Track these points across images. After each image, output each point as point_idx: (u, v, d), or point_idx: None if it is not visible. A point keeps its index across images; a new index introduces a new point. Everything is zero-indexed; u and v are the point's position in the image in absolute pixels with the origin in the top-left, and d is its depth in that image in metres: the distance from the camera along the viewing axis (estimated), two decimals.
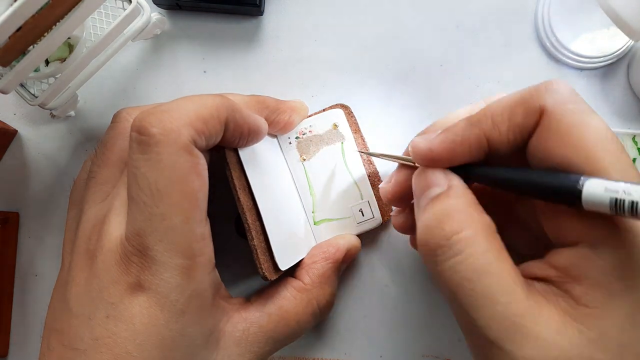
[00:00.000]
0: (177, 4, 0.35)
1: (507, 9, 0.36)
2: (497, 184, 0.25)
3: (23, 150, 0.37)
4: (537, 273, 0.23)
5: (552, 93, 0.23)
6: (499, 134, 0.24)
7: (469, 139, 0.24)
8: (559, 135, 0.22)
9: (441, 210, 0.24)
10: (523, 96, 0.24)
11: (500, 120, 0.24)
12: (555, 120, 0.22)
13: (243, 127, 0.27)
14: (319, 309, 0.31)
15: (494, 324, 0.21)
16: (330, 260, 0.31)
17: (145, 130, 0.24)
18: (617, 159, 0.21)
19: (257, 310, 0.29)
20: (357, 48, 0.36)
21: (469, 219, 0.23)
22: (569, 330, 0.21)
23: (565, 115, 0.22)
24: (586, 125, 0.22)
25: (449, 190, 0.24)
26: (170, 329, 0.24)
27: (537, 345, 0.21)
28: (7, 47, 0.25)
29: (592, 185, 0.20)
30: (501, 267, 0.22)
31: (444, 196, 0.24)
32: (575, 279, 0.22)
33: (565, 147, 0.22)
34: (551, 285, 0.22)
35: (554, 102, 0.23)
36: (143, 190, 0.24)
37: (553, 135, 0.22)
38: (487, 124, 0.24)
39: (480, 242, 0.22)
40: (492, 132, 0.24)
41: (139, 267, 0.24)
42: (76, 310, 0.25)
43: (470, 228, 0.23)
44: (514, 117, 0.24)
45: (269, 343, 0.29)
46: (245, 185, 0.29)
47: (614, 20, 0.29)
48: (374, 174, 0.34)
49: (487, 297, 0.22)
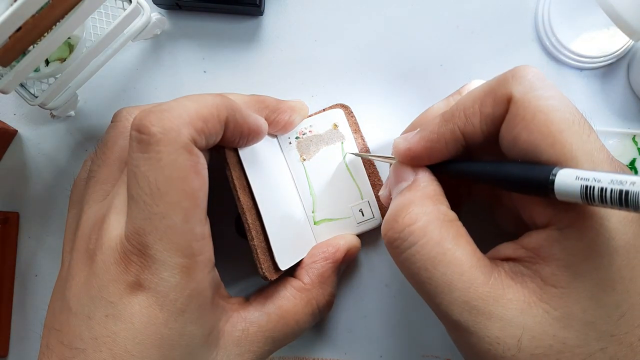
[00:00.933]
0: (177, 4, 0.35)
1: (507, 9, 0.36)
2: (474, 179, 0.25)
3: (23, 150, 0.37)
4: (509, 254, 0.24)
5: (519, 80, 0.23)
6: (473, 127, 0.24)
7: (445, 135, 0.25)
8: (525, 122, 0.22)
9: (399, 203, 0.25)
10: (491, 86, 0.24)
11: (472, 112, 0.24)
12: (522, 108, 0.23)
13: (243, 127, 0.27)
14: (319, 308, 0.31)
15: (455, 308, 0.22)
16: (330, 260, 0.31)
17: (145, 129, 0.24)
18: (583, 143, 0.22)
19: (256, 310, 0.29)
20: (357, 48, 0.36)
21: (422, 211, 0.24)
22: (533, 310, 0.22)
23: (531, 102, 0.22)
24: (552, 111, 0.22)
25: (413, 183, 0.26)
26: (170, 328, 0.24)
27: (501, 326, 0.22)
28: (7, 47, 0.25)
29: (563, 177, 0.20)
30: (457, 254, 0.23)
31: (406, 190, 0.26)
32: (544, 259, 0.22)
33: (531, 134, 0.22)
34: (520, 266, 0.23)
35: (520, 90, 0.23)
36: (143, 189, 0.24)
37: (520, 122, 0.23)
38: (460, 117, 0.25)
39: (433, 233, 0.23)
40: (465, 126, 0.25)
41: (138, 266, 0.24)
42: (75, 309, 0.25)
43: (422, 220, 0.24)
44: (484, 108, 0.24)
45: (268, 343, 0.29)
46: (245, 185, 0.29)
47: (614, 20, 0.29)
48: (374, 174, 0.34)
49: (444, 284, 0.23)
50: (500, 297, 0.22)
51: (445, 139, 0.25)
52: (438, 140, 0.25)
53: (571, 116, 0.22)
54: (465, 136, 0.25)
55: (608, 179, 0.19)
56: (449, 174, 0.26)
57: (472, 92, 0.25)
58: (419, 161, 0.26)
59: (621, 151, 0.35)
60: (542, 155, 0.22)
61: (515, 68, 0.24)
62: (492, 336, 0.22)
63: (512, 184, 0.23)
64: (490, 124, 0.24)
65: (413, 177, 0.26)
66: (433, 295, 0.23)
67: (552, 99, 0.22)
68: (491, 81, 0.24)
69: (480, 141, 0.25)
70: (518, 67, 0.24)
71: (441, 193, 0.26)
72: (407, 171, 0.27)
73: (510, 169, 0.23)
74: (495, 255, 0.25)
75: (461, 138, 0.25)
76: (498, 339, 0.22)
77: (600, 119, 0.36)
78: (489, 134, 0.24)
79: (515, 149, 0.23)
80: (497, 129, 0.24)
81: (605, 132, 0.35)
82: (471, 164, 0.25)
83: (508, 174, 0.23)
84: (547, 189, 0.21)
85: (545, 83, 0.23)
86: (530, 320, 0.22)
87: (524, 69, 0.24)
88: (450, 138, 0.25)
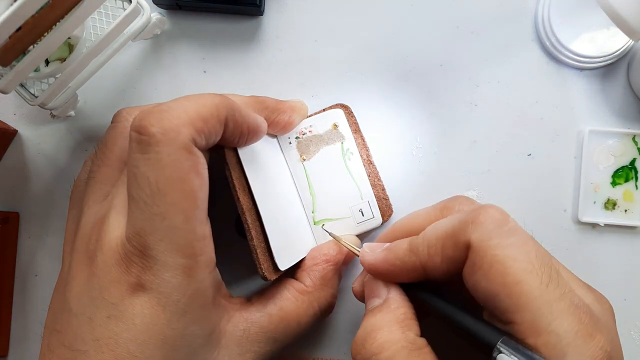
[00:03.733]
0: (177, 4, 0.35)
1: (507, 9, 0.36)
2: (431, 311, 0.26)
3: (23, 150, 0.37)
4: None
5: (477, 227, 0.23)
6: (434, 264, 0.25)
7: (407, 264, 0.26)
8: (483, 272, 0.22)
9: (369, 325, 0.25)
10: (454, 228, 0.24)
11: (435, 251, 0.25)
12: (479, 257, 0.23)
13: (242, 126, 0.27)
14: (320, 310, 0.31)
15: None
16: (331, 262, 0.31)
17: (145, 129, 0.23)
18: (541, 294, 0.21)
19: (258, 311, 0.29)
20: (357, 48, 0.36)
21: (390, 339, 0.24)
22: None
23: (487, 252, 0.22)
24: (508, 261, 0.22)
25: (384, 303, 0.26)
26: (172, 329, 0.24)
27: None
28: (7, 47, 0.25)
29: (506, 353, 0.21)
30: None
31: (377, 310, 0.26)
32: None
33: (489, 283, 0.22)
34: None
35: (477, 238, 0.23)
36: (143, 190, 0.24)
37: (477, 271, 0.23)
38: (424, 253, 0.25)
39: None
40: (427, 262, 0.25)
41: (140, 267, 0.24)
42: (77, 310, 0.25)
43: (389, 350, 0.23)
44: (445, 250, 0.24)
45: (269, 343, 0.29)
46: (245, 186, 0.29)
47: (614, 20, 0.29)
48: (374, 174, 0.34)
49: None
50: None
51: (407, 269, 0.26)
52: (401, 268, 0.26)
53: (529, 266, 0.22)
54: (427, 271, 0.25)
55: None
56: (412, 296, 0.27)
57: (438, 228, 0.25)
58: (381, 278, 0.27)
59: (621, 151, 0.35)
60: (500, 303, 0.22)
61: (477, 211, 0.24)
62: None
63: (464, 334, 0.23)
64: (452, 266, 0.24)
65: (385, 294, 0.26)
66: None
67: (509, 248, 0.22)
68: (454, 222, 0.24)
69: (442, 277, 0.25)
70: (479, 210, 0.24)
71: (412, 316, 0.25)
72: (380, 287, 0.27)
73: (465, 320, 0.24)
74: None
75: (422, 272, 0.25)
76: None
77: (600, 119, 0.36)
78: (451, 273, 0.25)
79: (476, 292, 0.23)
80: (459, 270, 0.24)
81: (605, 132, 0.35)
82: (433, 298, 0.26)
83: (462, 324, 0.24)
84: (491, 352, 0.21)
85: (503, 229, 0.23)
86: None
87: (484, 214, 0.23)
88: (412, 269, 0.26)
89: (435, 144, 0.36)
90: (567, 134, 0.35)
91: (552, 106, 0.36)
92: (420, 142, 0.36)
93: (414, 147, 0.36)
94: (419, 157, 0.36)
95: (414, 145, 0.36)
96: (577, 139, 0.35)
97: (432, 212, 0.29)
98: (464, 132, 0.36)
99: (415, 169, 0.36)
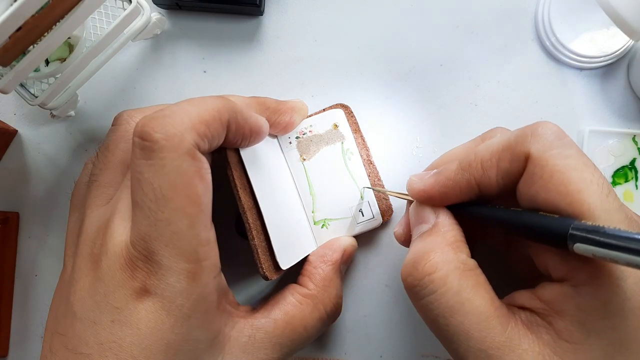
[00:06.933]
0: (177, 4, 0.35)
1: (507, 9, 0.36)
2: (489, 224, 0.26)
3: (23, 150, 0.37)
4: (525, 303, 0.24)
5: (537, 138, 0.23)
6: (489, 179, 0.25)
7: (460, 183, 0.26)
8: (543, 182, 0.23)
9: (420, 249, 0.25)
10: (510, 142, 0.24)
11: (489, 165, 0.25)
12: (540, 167, 0.23)
13: (245, 128, 0.27)
14: (326, 313, 0.31)
15: (471, 355, 0.23)
16: (329, 262, 0.31)
17: (148, 135, 0.23)
18: (602, 202, 0.22)
19: (263, 317, 0.29)
20: (357, 48, 0.36)
21: (443, 260, 0.24)
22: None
23: (548, 162, 0.23)
24: (570, 170, 0.22)
25: (434, 227, 0.26)
26: (176, 333, 0.24)
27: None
28: (7, 47, 0.25)
29: None
30: (475, 304, 0.23)
31: (427, 234, 0.26)
32: (558, 313, 0.23)
33: (549, 193, 0.22)
34: (536, 316, 0.23)
35: (538, 148, 0.23)
36: (147, 196, 0.24)
37: (537, 181, 0.23)
38: (477, 169, 0.25)
39: (452, 282, 0.24)
40: (482, 178, 0.25)
41: (144, 272, 0.24)
42: (80, 314, 0.25)
43: (442, 269, 0.24)
44: (501, 163, 0.24)
45: (276, 350, 0.28)
46: (246, 185, 0.29)
47: (614, 20, 0.29)
48: (374, 174, 0.34)
49: (461, 333, 0.23)
50: (516, 347, 0.22)
51: (460, 187, 0.26)
52: (453, 187, 0.26)
53: (590, 175, 0.22)
54: (480, 187, 0.25)
55: None
56: (466, 215, 0.26)
57: (491, 144, 0.25)
58: (431, 202, 0.27)
59: (621, 151, 0.35)
60: (560, 213, 0.22)
61: (535, 124, 0.24)
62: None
63: (530, 233, 0.23)
64: (507, 179, 0.24)
65: (434, 219, 0.26)
66: (450, 341, 0.24)
67: (570, 158, 0.22)
68: (510, 136, 0.24)
69: (495, 193, 0.25)
70: (537, 124, 0.24)
71: (462, 239, 0.26)
72: (427, 212, 0.27)
73: (529, 218, 0.23)
74: (511, 301, 0.25)
75: (476, 188, 0.25)
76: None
77: (600, 119, 0.36)
78: (505, 187, 0.25)
79: (532, 205, 0.23)
80: (513, 184, 0.24)
81: (605, 132, 0.35)
82: (489, 209, 0.25)
83: (526, 223, 0.23)
84: (565, 241, 0.21)
85: (563, 141, 0.23)
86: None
87: (544, 126, 0.24)
88: (465, 186, 0.25)
89: (435, 143, 0.36)
90: (567, 134, 0.35)
91: (552, 106, 0.36)
92: (420, 142, 0.36)
93: (414, 147, 0.36)
94: (419, 157, 0.36)
95: (414, 145, 0.36)
96: (577, 138, 0.35)
97: (473, 142, 0.29)
98: (464, 131, 0.36)
99: (415, 169, 0.36)
